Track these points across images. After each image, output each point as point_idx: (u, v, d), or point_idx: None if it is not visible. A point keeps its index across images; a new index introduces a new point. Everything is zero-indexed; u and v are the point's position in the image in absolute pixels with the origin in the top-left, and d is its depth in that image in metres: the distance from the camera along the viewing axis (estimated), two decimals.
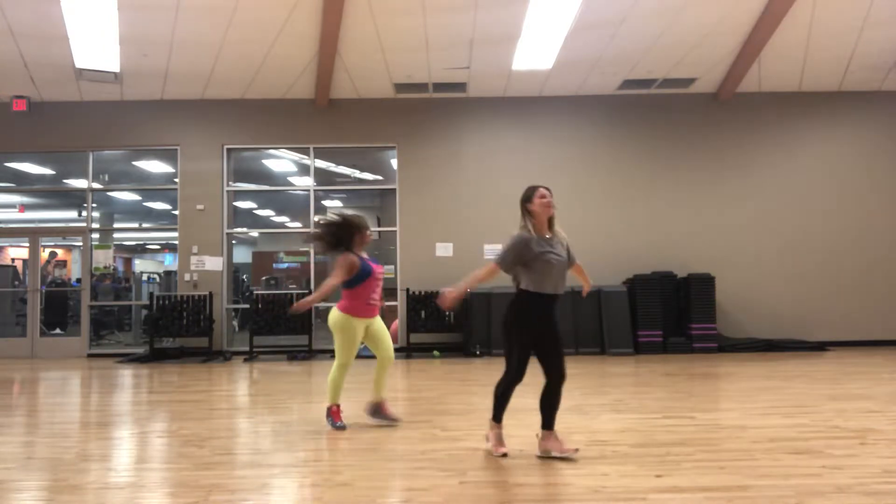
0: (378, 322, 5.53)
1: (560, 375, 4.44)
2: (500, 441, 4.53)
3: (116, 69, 10.41)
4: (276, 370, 9.48)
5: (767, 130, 11.47)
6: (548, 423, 4.47)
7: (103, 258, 11.71)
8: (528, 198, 4.48)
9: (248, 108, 11.48)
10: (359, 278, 5.30)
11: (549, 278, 4.36)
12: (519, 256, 4.36)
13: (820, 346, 10.67)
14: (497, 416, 4.54)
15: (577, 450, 4.41)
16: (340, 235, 5.37)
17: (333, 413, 5.41)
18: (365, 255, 5.48)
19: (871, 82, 11.30)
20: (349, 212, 5.53)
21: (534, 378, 4.44)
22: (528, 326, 4.39)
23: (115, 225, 13.69)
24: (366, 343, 5.51)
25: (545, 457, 4.43)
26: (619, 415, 5.85)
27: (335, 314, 5.37)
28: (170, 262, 17.82)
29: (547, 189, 4.48)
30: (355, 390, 7.67)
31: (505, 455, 4.43)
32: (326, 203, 15.73)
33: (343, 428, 5.34)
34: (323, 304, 10.44)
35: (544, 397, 4.47)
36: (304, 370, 9.39)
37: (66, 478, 4.20)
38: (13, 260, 16.79)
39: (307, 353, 10.64)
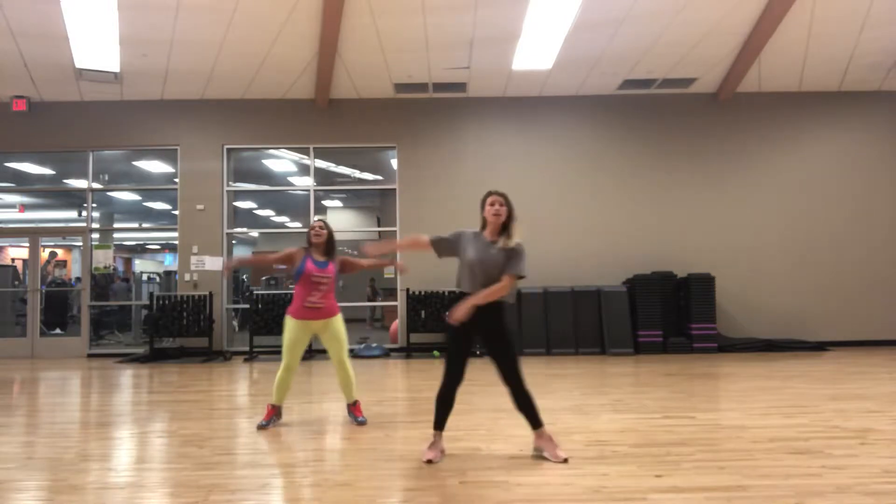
0: (330, 325, 5.61)
1: (507, 382, 4.41)
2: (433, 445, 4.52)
3: (116, 69, 10.42)
4: (276, 370, 9.41)
5: (767, 130, 11.47)
6: (532, 423, 4.51)
7: (103, 258, 11.71)
8: (482, 203, 4.60)
9: (248, 108, 11.48)
10: (295, 275, 5.59)
11: (465, 278, 4.49)
12: (449, 244, 4.60)
13: (820, 346, 10.67)
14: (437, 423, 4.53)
15: (566, 460, 4.35)
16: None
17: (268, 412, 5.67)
18: (320, 257, 5.64)
19: (871, 82, 11.30)
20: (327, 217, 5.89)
21: (535, 378, 4.43)
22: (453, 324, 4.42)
23: (115, 225, 13.69)
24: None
25: (538, 455, 4.47)
26: (619, 415, 5.85)
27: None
28: (170, 262, 17.83)
29: (500, 196, 4.51)
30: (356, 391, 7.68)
31: (430, 461, 4.40)
32: (326, 203, 15.74)
33: (266, 427, 5.53)
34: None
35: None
36: (303, 370, 9.39)
37: (66, 478, 4.21)
38: (13, 260, 16.82)
39: (307, 354, 10.62)
